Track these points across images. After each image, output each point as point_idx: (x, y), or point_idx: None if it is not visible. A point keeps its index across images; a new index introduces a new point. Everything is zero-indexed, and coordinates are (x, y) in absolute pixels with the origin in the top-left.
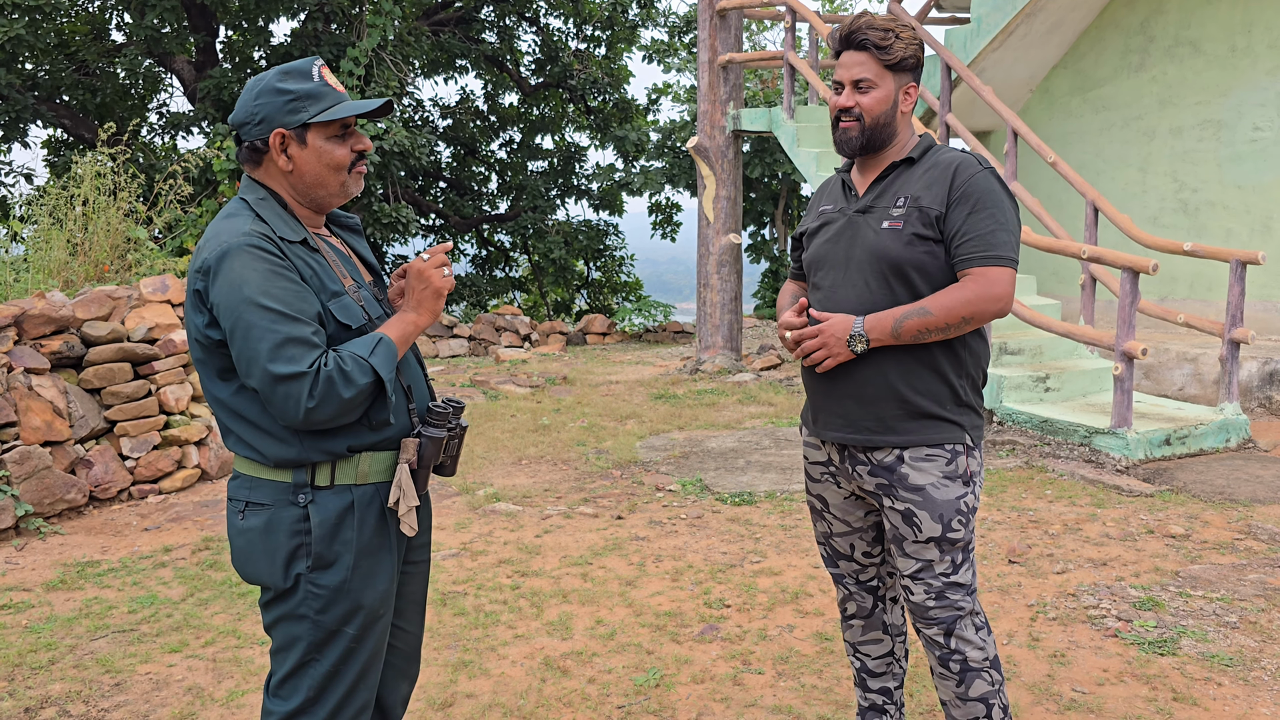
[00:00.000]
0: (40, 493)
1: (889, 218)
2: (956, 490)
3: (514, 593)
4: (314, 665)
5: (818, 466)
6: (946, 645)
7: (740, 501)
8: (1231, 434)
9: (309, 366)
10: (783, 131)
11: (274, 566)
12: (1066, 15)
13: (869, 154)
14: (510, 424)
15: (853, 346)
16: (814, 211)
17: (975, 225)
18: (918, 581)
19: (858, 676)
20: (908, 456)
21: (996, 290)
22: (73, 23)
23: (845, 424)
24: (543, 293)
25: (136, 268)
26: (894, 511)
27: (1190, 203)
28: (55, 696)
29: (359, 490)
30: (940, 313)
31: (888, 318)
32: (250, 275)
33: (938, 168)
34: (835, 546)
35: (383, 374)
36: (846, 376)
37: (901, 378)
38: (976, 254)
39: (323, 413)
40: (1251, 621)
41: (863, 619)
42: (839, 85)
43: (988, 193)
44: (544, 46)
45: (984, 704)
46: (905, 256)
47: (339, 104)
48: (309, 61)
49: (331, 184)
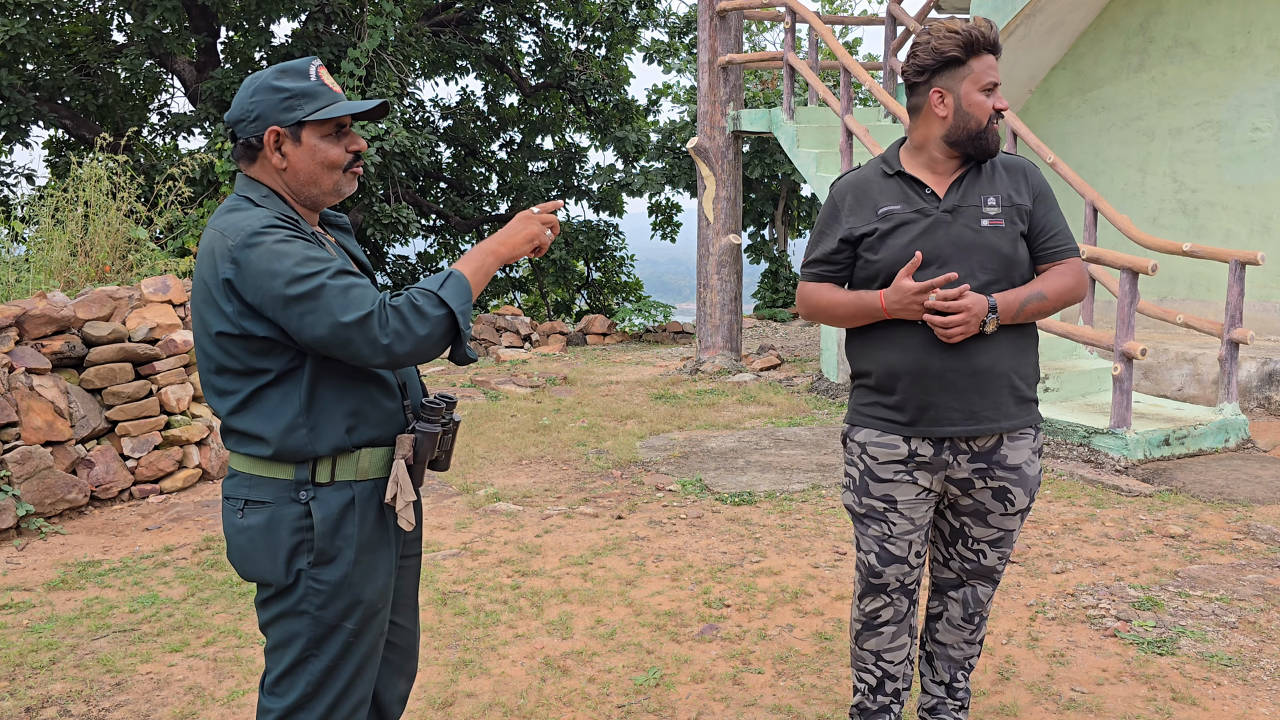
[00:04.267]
0: (41, 493)
1: (986, 216)
2: (1039, 465)
3: (514, 592)
4: (312, 661)
5: (891, 466)
6: (984, 603)
7: (740, 501)
8: (1230, 434)
9: (373, 304)
10: (783, 132)
11: (275, 563)
12: (1066, 16)
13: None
14: (511, 424)
15: (984, 326)
16: (865, 211)
17: (1055, 221)
18: (995, 548)
19: (876, 684)
20: (1006, 439)
21: (1085, 279)
22: (74, 23)
23: (966, 416)
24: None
25: (138, 268)
26: (984, 490)
27: (1189, 203)
28: (56, 696)
29: (359, 486)
30: (1053, 297)
31: (1014, 299)
32: (286, 249)
33: (1008, 167)
34: (891, 549)
35: (453, 305)
36: (969, 367)
37: (1015, 366)
38: (1063, 246)
39: (401, 348)
40: (1250, 621)
41: (896, 624)
42: (989, 88)
43: (1051, 192)
44: (544, 47)
45: (979, 645)
46: (1014, 253)
47: (334, 103)
48: (306, 61)
49: (325, 182)
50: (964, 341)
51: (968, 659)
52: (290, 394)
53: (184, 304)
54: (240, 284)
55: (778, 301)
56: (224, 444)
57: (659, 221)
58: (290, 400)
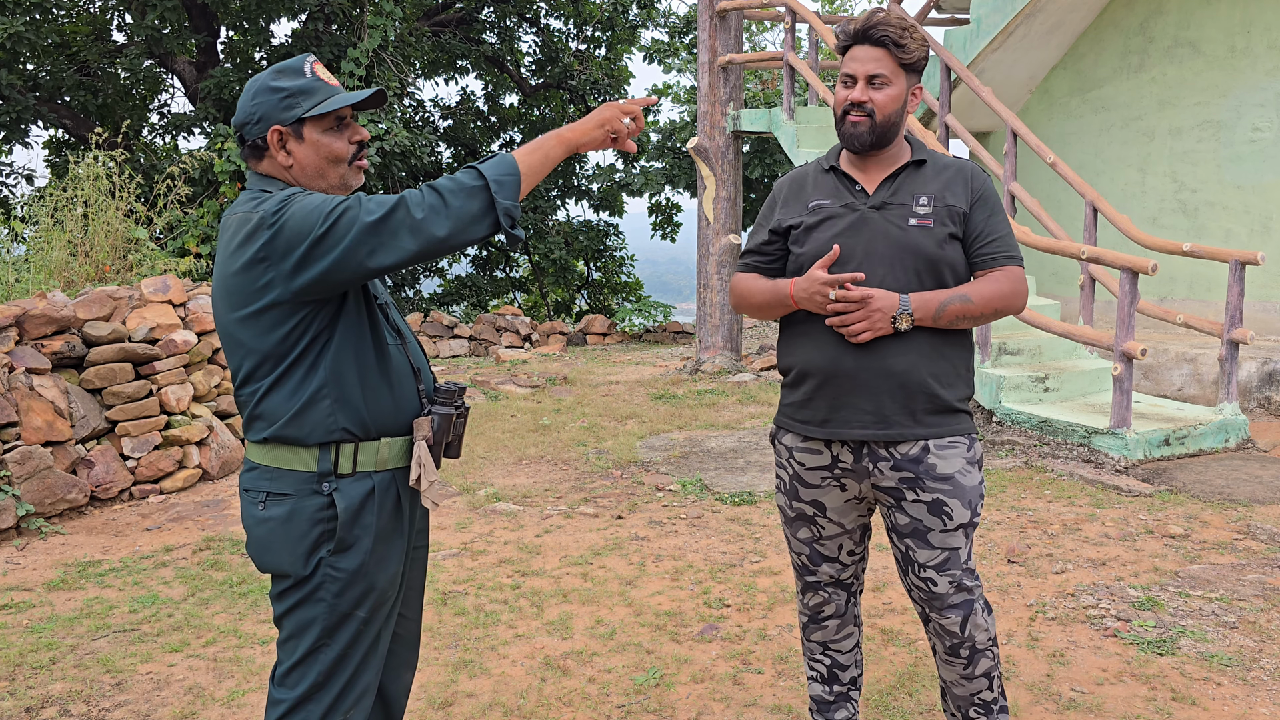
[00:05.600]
0: (41, 493)
1: (915, 215)
2: (977, 476)
3: (514, 592)
4: (325, 650)
5: (817, 472)
6: (960, 634)
7: (740, 501)
8: (1230, 434)
9: (402, 195)
10: (782, 132)
11: (295, 555)
12: (1066, 16)
13: (874, 150)
14: (511, 424)
15: (896, 324)
16: (797, 204)
17: (996, 227)
18: (943, 573)
19: (827, 673)
20: (933, 446)
21: (1022, 288)
22: (74, 23)
23: (875, 419)
24: (543, 293)
25: (138, 268)
26: (918, 504)
27: (1189, 203)
28: (56, 696)
29: (379, 476)
30: (980, 302)
31: (933, 299)
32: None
33: (949, 169)
34: (821, 550)
35: (488, 175)
36: (882, 368)
37: (929, 369)
38: (1001, 253)
39: (437, 225)
40: (1250, 621)
41: (838, 617)
42: (849, 79)
43: (996, 198)
44: (544, 47)
45: (986, 678)
46: (940, 254)
47: (331, 97)
48: (301, 59)
49: (331, 176)
50: (878, 341)
51: (974, 695)
52: (312, 372)
53: (184, 304)
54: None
55: None
56: (245, 435)
57: (659, 221)
58: (312, 378)
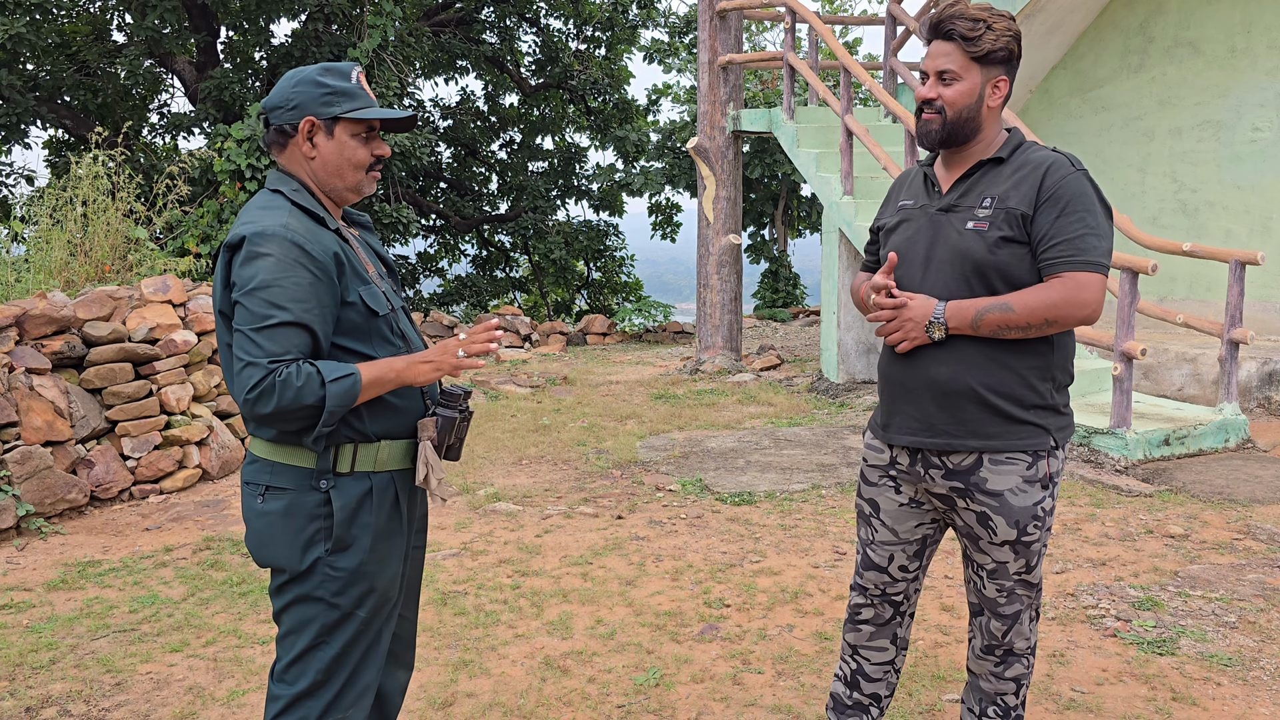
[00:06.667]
0: (41, 493)
1: (974, 218)
2: (1035, 495)
3: (514, 592)
4: (323, 648)
5: (876, 470)
6: (999, 639)
7: (740, 501)
8: (1230, 434)
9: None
10: (783, 132)
11: (292, 549)
12: (1066, 16)
13: (952, 148)
14: (511, 424)
15: (930, 332)
16: (893, 205)
17: (1064, 228)
18: (992, 579)
19: (850, 677)
20: (987, 460)
21: (1084, 296)
22: (74, 23)
23: (922, 427)
24: (543, 293)
25: (137, 268)
26: (969, 512)
27: (1189, 203)
28: (56, 696)
29: (377, 477)
30: (1022, 310)
31: (969, 307)
32: (276, 277)
33: (1027, 166)
34: (871, 555)
35: (328, 405)
36: (925, 376)
37: (981, 379)
38: (1064, 258)
39: (263, 406)
40: (1250, 621)
41: (875, 627)
42: (924, 75)
43: (1079, 195)
44: (544, 47)
45: (1015, 683)
46: (989, 260)
47: (370, 106)
48: (350, 65)
49: (349, 178)
50: (921, 349)
51: (999, 694)
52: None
53: (184, 304)
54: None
55: (778, 301)
56: (247, 428)
57: (659, 221)
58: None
